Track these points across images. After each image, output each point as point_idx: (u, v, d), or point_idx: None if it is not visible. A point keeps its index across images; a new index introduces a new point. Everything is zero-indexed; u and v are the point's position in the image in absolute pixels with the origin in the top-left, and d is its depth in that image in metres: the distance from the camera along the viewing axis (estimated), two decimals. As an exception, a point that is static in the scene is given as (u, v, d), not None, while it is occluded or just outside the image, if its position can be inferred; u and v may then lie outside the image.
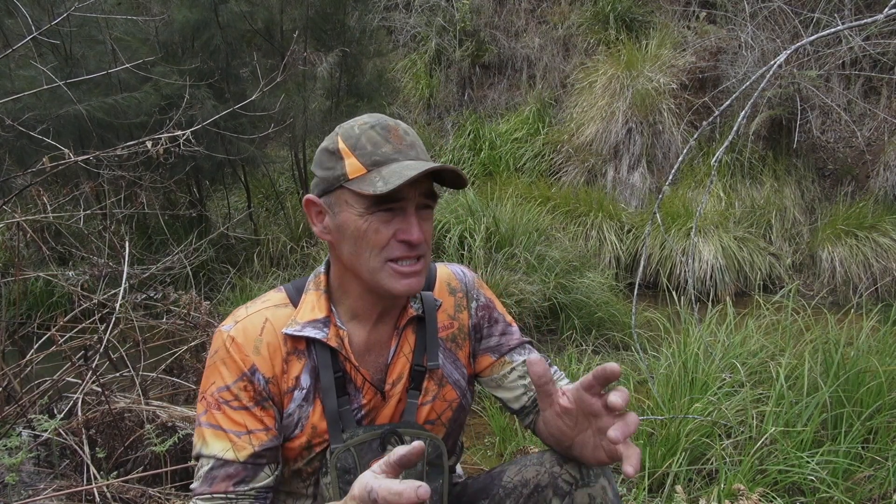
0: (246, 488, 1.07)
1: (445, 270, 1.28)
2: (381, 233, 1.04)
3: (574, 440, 1.06)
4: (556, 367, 1.29)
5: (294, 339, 1.11)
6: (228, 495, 1.06)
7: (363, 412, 1.14)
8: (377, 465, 0.80)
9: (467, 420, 1.32)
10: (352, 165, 1.03)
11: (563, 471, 1.14)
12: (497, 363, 1.25)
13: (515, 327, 1.29)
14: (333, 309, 1.14)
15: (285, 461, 1.14)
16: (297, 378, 1.11)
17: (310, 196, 1.11)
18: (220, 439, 1.07)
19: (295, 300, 1.15)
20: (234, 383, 1.08)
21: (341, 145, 1.05)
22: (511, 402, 1.26)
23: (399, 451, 0.78)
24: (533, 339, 1.39)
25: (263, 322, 1.11)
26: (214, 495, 1.06)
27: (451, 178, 1.06)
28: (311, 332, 1.11)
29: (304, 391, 1.11)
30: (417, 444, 0.78)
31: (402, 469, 0.79)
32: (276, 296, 1.16)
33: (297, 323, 1.11)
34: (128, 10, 5.39)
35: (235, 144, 4.98)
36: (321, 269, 1.18)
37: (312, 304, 1.13)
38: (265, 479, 1.09)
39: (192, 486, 1.10)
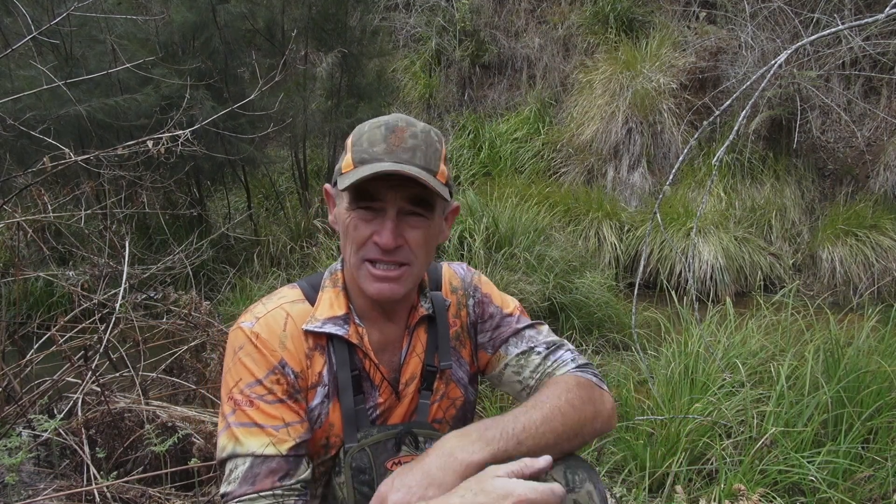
0: (291, 482, 1.02)
1: (448, 270, 1.28)
2: (359, 230, 1.05)
3: None
4: (569, 349, 1.23)
5: (315, 335, 1.11)
6: (275, 491, 1.00)
7: (378, 411, 1.14)
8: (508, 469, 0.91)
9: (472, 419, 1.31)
10: (346, 160, 1.05)
11: (549, 477, 1.06)
12: (493, 359, 1.23)
13: (515, 316, 1.25)
14: (351, 306, 1.14)
15: None
16: (320, 374, 1.11)
17: (326, 185, 1.15)
18: (256, 436, 1.03)
19: (311, 297, 1.15)
20: (266, 377, 1.05)
21: (349, 140, 1.07)
22: (515, 398, 1.25)
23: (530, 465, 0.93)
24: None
25: (285, 318, 1.10)
26: (261, 493, 1.00)
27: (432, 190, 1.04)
28: (331, 329, 1.10)
29: (326, 388, 1.11)
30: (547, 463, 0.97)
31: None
32: (291, 292, 1.16)
33: (316, 319, 1.11)
34: (128, 10, 5.40)
35: (235, 145, 4.98)
36: (337, 265, 1.18)
37: (331, 300, 1.13)
38: (305, 471, 1.05)
39: (224, 491, 1.02)
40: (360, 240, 1.05)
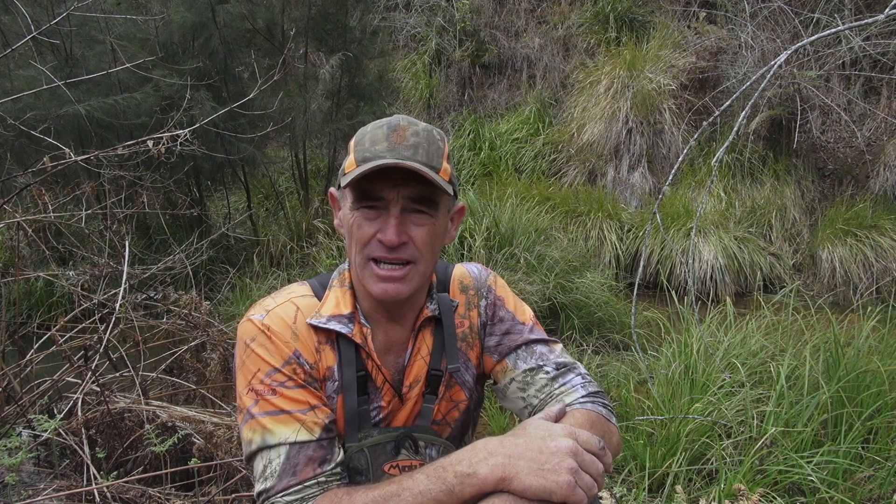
0: (331, 467, 1.02)
1: (461, 270, 1.26)
2: (363, 229, 1.05)
3: None
4: (580, 373, 1.18)
5: (321, 331, 1.10)
6: (318, 479, 0.99)
7: (381, 414, 1.13)
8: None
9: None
10: (349, 160, 1.05)
11: None
12: (499, 367, 1.19)
13: (528, 325, 1.21)
14: (358, 306, 1.14)
15: None
16: (330, 368, 1.11)
17: (331, 189, 1.16)
18: (286, 423, 1.01)
19: (320, 294, 1.15)
20: (283, 366, 1.05)
21: (352, 141, 1.08)
22: (516, 414, 1.21)
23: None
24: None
25: (295, 311, 1.11)
26: (305, 484, 0.98)
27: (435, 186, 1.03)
28: (335, 326, 1.10)
29: (336, 383, 1.11)
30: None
31: None
32: (301, 288, 1.16)
33: (321, 316, 1.11)
34: (127, 10, 5.39)
35: (235, 145, 4.98)
36: (345, 265, 1.18)
37: (337, 298, 1.13)
38: (340, 454, 1.05)
39: (262, 488, 0.99)
40: (364, 238, 1.05)
